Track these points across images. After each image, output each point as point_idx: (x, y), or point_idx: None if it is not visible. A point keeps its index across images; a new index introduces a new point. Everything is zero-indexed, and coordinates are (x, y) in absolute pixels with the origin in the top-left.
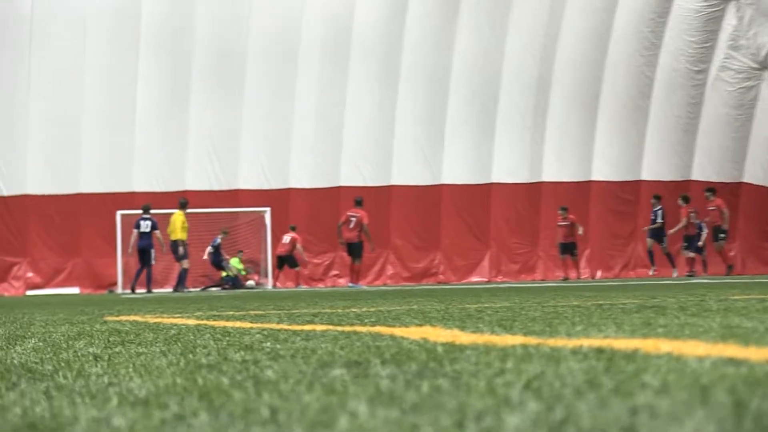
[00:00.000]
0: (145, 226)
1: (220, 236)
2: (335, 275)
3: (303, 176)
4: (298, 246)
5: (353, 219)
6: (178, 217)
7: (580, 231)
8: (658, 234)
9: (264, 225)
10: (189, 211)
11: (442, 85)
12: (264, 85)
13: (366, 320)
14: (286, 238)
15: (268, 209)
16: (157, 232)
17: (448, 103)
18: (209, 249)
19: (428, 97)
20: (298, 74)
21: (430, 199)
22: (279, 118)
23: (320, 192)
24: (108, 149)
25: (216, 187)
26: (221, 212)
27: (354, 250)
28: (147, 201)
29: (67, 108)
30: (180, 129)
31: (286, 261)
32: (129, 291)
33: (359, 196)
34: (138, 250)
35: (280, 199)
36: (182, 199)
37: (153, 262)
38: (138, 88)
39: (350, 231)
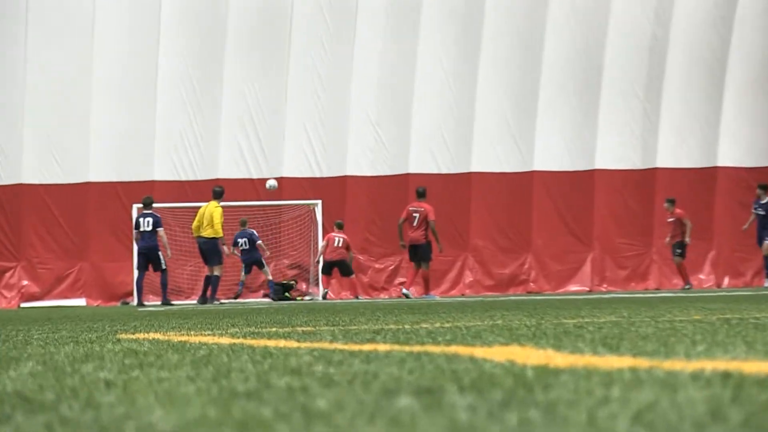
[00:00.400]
0: (146, 224)
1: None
2: (401, 283)
3: (362, 161)
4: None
5: (416, 215)
6: (214, 209)
7: (687, 229)
8: None
9: (314, 221)
10: (224, 204)
11: (533, 51)
12: (313, 52)
13: (439, 338)
14: (338, 240)
15: (318, 202)
16: (161, 231)
17: (542, 72)
18: (241, 242)
19: (517, 64)
20: (357, 37)
21: (518, 190)
22: (332, 91)
23: (383, 181)
24: (122, 130)
25: (255, 175)
26: (260, 206)
27: (421, 253)
28: (170, 191)
29: (73, 81)
30: (211, 106)
31: (338, 267)
32: (141, 305)
33: (422, 186)
34: (140, 254)
35: (333, 189)
36: (217, 188)
37: (164, 266)
38: (160, 56)
39: (414, 230)
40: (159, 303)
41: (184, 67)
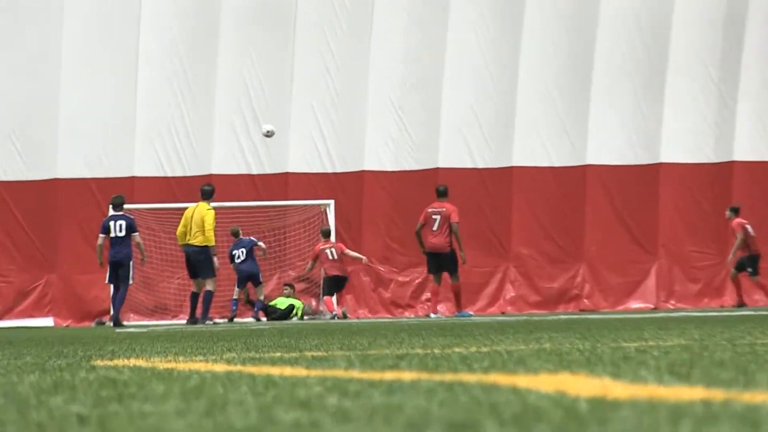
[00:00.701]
0: (118, 228)
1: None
2: (428, 300)
3: (383, 154)
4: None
5: (437, 217)
6: (206, 212)
7: (737, 240)
8: None
9: (326, 224)
10: (216, 204)
11: (585, 25)
12: (325, 24)
13: (475, 365)
14: (331, 252)
15: (331, 202)
16: (137, 237)
17: (595, 50)
18: (237, 252)
19: (566, 40)
20: (376, 6)
21: (569, 187)
22: (347, 71)
23: (408, 177)
24: (97, 117)
25: (255, 170)
26: (262, 206)
27: (445, 263)
28: (154, 190)
29: (37, 59)
30: (204, 89)
31: (340, 283)
32: (116, 325)
33: (442, 185)
34: (112, 265)
35: (348, 187)
36: (206, 186)
37: (131, 281)
38: (141, 31)
39: (435, 235)
40: (141, 323)
41: (170, 44)
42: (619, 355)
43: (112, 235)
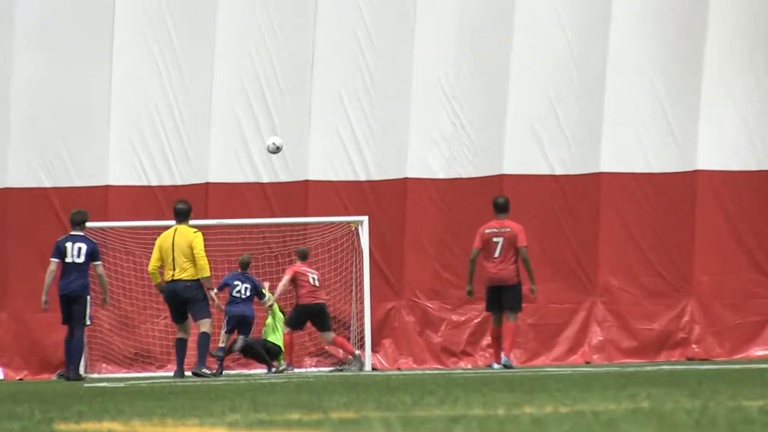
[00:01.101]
0: (75, 252)
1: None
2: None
3: (432, 158)
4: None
5: (498, 240)
6: (193, 236)
7: None
8: None
9: (356, 248)
10: (212, 222)
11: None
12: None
13: (552, 429)
14: (313, 277)
15: (364, 219)
16: (99, 267)
17: (708, 26)
18: (239, 286)
19: (673, 14)
20: None
21: (674, 199)
22: (384, 51)
23: (465, 186)
24: (56, 107)
25: (266, 178)
26: (275, 224)
27: (510, 298)
28: (136, 201)
29: None
30: (198, 72)
31: (317, 317)
32: (75, 378)
33: (502, 197)
34: (63, 299)
35: (386, 199)
36: (181, 205)
37: (89, 321)
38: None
39: (497, 263)
40: (117, 376)
41: (155, 17)
42: (739, 417)
43: (68, 260)
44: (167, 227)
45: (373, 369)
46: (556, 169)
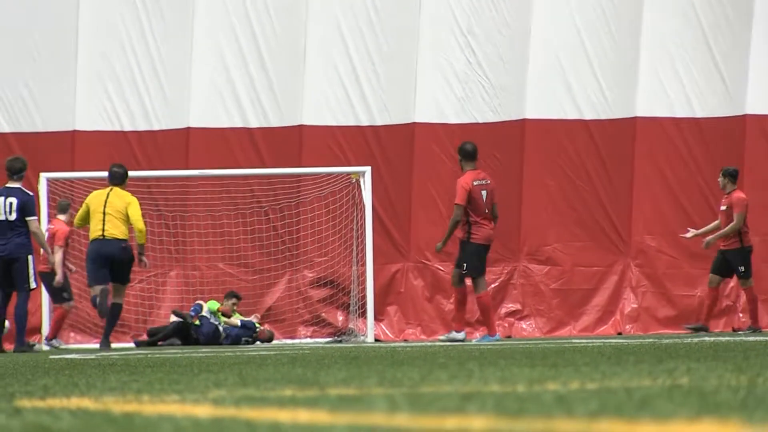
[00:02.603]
0: (8, 207)
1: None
2: (516, 312)
3: (444, 100)
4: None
5: (484, 193)
6: (132, 199)
7: (730, 226)
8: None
9: (357, 203)
10: (184, 173)
11: None
12: None
13: (578, 408)
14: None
15: (367, 169)
16: (33, 223)
17: None
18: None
19: None
20: None
21: (721, 145)
22: None
23: (483, 132)
24: (19, 47)
25: (254, 123)
26: (264, 175)
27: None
28: (107, 149)
29: None
30: (176, 4)
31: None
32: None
33: (470, 143)
34: None
35: (392, 147)
36: (117, 168)
37: (33, 284)
38: None
39: (489, 219)
40: (85, 346)
41: None
42: None
43: (1, 217)
44: (143, 178)
45: (377, 340)
46: (586, 114)
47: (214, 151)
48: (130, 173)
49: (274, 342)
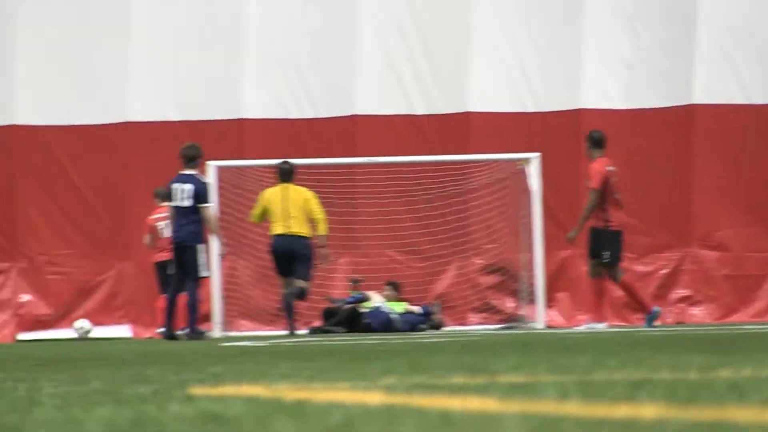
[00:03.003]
0: (182, 194)
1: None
2: (687, 298)
3: (610, 85)
4: None
5: (615, 178)
6: (311, 195)
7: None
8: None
9: (526, 188)
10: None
11: None
12: None
13: (752, 396)
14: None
15: (535, 156)
16: (206, 210)
17: None
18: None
19: None
20: None
21: None
22: None
23: (650, 119)
24: (184, 40)
25: (420, 110)
26: (431, 163)
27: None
28: (275, 137)
29: None
30: None
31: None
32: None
33: (597, 131)
34: (174, 249)
35: (560, 134)
36: (285, 165)
37: (204, 273)
38: None
39: (620, 206)
40: (257, 334)
41: None
42: None
43: (175, 203)
44: (310, 166)
45: (548, 327)
46: (754, 98)
47: (381, 138)
48: (298, 161)
49: (445, 329)
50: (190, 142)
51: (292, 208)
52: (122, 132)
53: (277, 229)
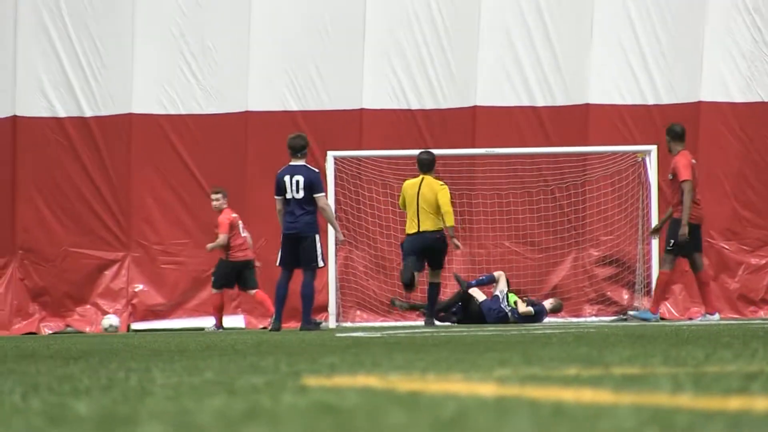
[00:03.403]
0: (294, 185)
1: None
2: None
3: (729, 78)
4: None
5: (696, 171)
6: (440, 188)
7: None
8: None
9: (643, 182)
10: (471, 152)
11: None
12: None
13: None
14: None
15: (653, 148)
16: (320, 199)
17: None
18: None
19: None
20: None
21: None
22: None
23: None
24: (312, 34)
25: (540, 102)
26: (550, 154)
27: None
28: (393, 127)
29: None
30: None
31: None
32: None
33: (678, 124)
34: (286, 240)
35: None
36: (425, 155)
37: (321, 263)
38: None
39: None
40: (372, 325)
41: None
42: None
43: (288, 195)
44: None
45: (662, 319)
46: None
47: (500, 129)
48: (417, 152)
49: (559, 320)
50: (296, 133)
51: (423, 205)
52: (241, 121)
53: (410, 228)
